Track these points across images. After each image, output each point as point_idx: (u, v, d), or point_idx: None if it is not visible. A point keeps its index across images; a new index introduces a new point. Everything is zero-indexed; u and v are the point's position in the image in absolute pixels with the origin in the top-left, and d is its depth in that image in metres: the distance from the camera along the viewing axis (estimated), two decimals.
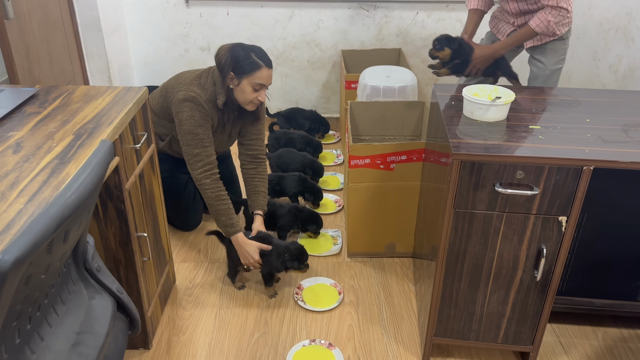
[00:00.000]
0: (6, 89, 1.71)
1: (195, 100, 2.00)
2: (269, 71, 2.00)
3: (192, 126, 2.00)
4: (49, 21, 2.47)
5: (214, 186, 2.03)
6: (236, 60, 1.97)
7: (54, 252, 0.89)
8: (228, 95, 2.04)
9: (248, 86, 1.99)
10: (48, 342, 1.06)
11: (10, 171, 1.25)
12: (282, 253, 2.03)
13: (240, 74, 1.98)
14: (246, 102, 2.05)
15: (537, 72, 2.45)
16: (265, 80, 2.00)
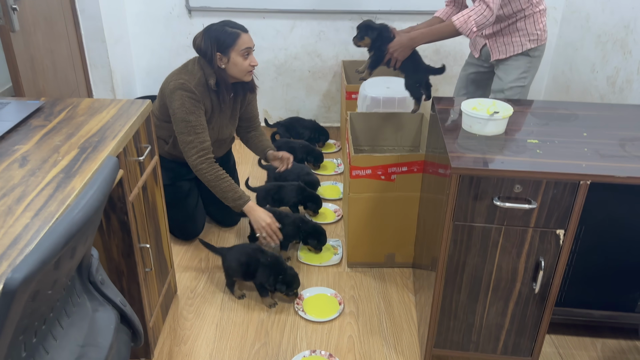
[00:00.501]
0: (12, 101, 1.74)
1: (185, 87, 2.07)
2: (248, 35, 2.13)
3: (184, 114, 2.07)
4: (53, 32, 2.50)
5: (210, 169, 2.10)
6: (216, 39, 2.07)
7: (61, 268, 0.91)
8: (220, 76, 2.11)
9: (238, 57, 2.08)
10: (53, 355, 1.08)
11: (16, 185, 1.27)
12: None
13: (226, 50, 2.07)
14: (243, 73, 2.13)
15: (494, 87, 2.35)
16: (249, 43, 2.11)
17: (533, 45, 2.23)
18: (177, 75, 2.13)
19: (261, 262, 2.07)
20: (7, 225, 1.12)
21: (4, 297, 0.76)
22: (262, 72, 3.44)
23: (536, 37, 2.22)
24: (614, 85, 2.70)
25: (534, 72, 2.32)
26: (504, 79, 2.29)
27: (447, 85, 3.49)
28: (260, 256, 2.09)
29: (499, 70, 2.32)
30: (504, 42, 2.26)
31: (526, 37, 2.21)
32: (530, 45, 2.23)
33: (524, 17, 2.18)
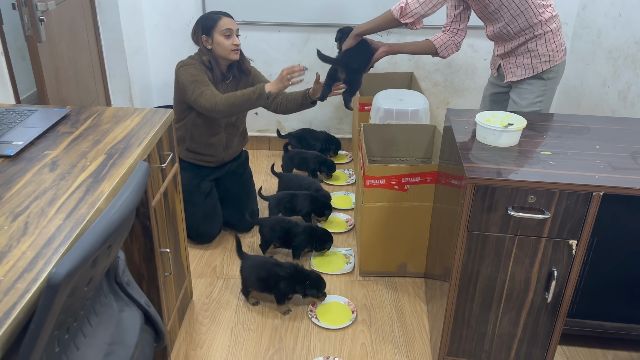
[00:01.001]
0: (39, 109, 1.80)
1: (187, 62, 2.33)
2: (228, 18, 2.34)
3: (191, 77, 2.28)
4: (76, 43, 2.58)
5: (224, 95, 2.24)
6: (200, 24, 2.34)
7: (97, 265, 0.96)
8: (210, 57, 2.34)
9: (220, 37, 2.31)
10: (83, 351, 1.12)
11: (48, 188, 1.32)
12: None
13: (209, 31, 2.31)
14: (227, 52, 2.33)
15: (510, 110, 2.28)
16: (230, 24, 2.32)
17: (546, 67, 2.19)
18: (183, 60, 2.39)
19: (281, 276, 2.10)
20: (41, 226, 1.17)
21: (48, 290, 0.81)
22: None
23: (548, 59, 2.18)
24: (625, 100, 2.73)
25: (550, 95, 2.27)
26: (519, 103, 2.27)
27: (458, 98, 3.53)
28: (279, 270, 2.11)
29: (513, 93, 2.30)
30: (516, 64, 2.24)
31: (537, 59, 2.18)
32: (542, 67, 2.19)
33: (534, 37, 2.15)
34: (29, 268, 1.03)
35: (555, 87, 2.28)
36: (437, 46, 2.35)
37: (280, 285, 2.10)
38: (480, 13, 2.27)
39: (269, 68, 3.44)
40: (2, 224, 1.17)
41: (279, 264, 2.16)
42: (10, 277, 1.00)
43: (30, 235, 1.14)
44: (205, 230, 2.54)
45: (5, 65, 2.08)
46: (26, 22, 2.06)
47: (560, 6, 3.25)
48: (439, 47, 2.35)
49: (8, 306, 0.93)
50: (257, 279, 2.14)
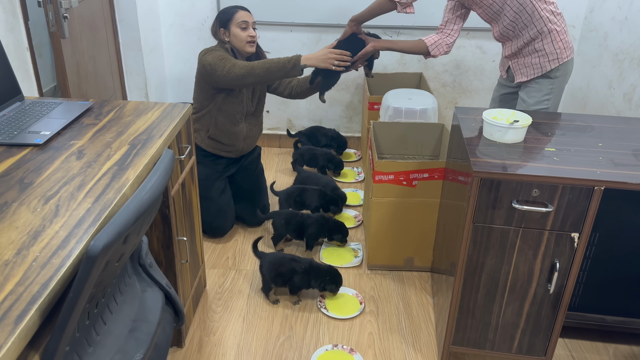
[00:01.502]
0: (63, 102, 1.88)
1: (212, 48, 2.44)
2: (246, 12, 2.45)
3: (219, 56, 2.35)
4: (96, 40, 2.66)
5: (259, 61, 2.33)
6: (218, 18, 2.45)
7: (128, 242, 1.03)
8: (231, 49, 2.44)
9: (236, 29, 2.41)
10: (109, 326, 1.19)
11: (76, 175, 1.40)
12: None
13: (226, 24, 2.42)
14: (243, 43, 2.43)
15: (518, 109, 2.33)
16: (246, 17, 2.42)
17: (554, 65, 2.25)
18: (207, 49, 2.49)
19: (297, 271, 2.16)
20: (72, 209, 1.25)
21: (86, 261, 0.88)
22: None
23: (556, 57, 2.24)
24: (631, 102, 2.78)
25: (558, 93, 2.33)
26: (527, 101, 2.33)
27: (466, 99, 3.59)
28: (295, 265, 2.17)
29: (522, 92, 2.35)
30: (524, 64, 2.30)
31: (545, 58, 2.24)
32: (550, 65, 2.25)
33: (540, 35, 2.21)
34: (62, 246, 1.11)
35: (564, 86, 2.33)
36: (428, 44, 2.42)
37: (296, 279, 2.17)
38: (485, 16, 2.34)
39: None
40: (35, 206, 1.24)
41: (297, 259, 2.22)
42: (46, 254, 1.08)
43: (61, 217, 1.21)
44: (218, 224, 2.62)
45: (30, 59, 2.17)
46: (50, 18, 2.15)
47: (568, 9, 3.31)
48: (430, 45, 2.42)
49: (45, 279, 1.01)
50: (277, 275, 2.19)
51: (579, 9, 3.32)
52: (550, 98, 2.29)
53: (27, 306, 0.94)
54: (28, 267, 1.04)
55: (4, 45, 1.92)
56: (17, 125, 1.64)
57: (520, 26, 2.23)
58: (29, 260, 1.06)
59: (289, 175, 3.31)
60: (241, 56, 2.49)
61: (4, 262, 1.05)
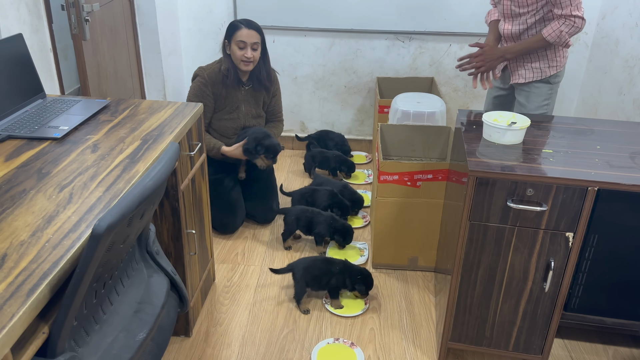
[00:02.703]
0: (82, 100, 1.99)
1: (201, 73, 2.55)
2: (249, 31, 2.50)
3: (191, 95, 2.55)
4: (116, 42, 2.78)
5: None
6: (227, 30, 2.56)
7: (132, 225, 1.11)
8: (230, 62, 2.55)
9: (234, 46, 2.51)
10: (116, 307, 1.28)
11: (90, 166, 1.50)
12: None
13: (229, 39, 2.53)
14: (238, 61, 2.52)
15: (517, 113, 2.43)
16: (246, 38, 2.48)
17: (553, 72, 2.30)
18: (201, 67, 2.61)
19: (333, 272, 2.20)
20: (84, 197, 1.34)
21: (91, 239, 0.96)
22: (301, 86, 3.66)
23: (556, 64, 2.29)
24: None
25: (555, 97, 2.39)
26: (526, 105, 2.35)
27: (477, 103, 3.62)
28: (331, 267, 2.21)
29: (520, 96, 2.38)
30: (524, 66, 2.32)
31: (546, 64, 2.28)
32: (550, 72, 2.29)
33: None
34: (73, 229, 1.20)
35: (557, 91, 2.39)
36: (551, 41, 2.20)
37: (333, 281, 2.21)
38: (508, 10, 2.30)
39: (294, 71, 3.61)
40: (51, 194, 1.34)
41: (331, 261, 2.25)
42: (58, 236, 1.17)
43: (74, 203, 1.31)
44: (228, 221, 2.70)
45: (53, 60, 2.29)
46: (73, 21, 2.27)
47: None
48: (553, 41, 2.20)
49: (56, 258, 1.10)
50: (312, 278, 2.21)
51: (591, 15, 3.34)
52: (549, 103, 2.33)
53: (39, 281, 1.03)
54: (41, 247, 1.13)
55: (29, 46, 2.03)
56: (38, 121, 1.75)
57: (534, 32, 2.26)
58: (43, 241, 1.15)
59: (301, 176, 3.38)
60: (240, 72, 2.59)
61: (19, 242, 1.14)
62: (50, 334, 1.03)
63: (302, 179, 3.35)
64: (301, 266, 2.25)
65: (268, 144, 2.56)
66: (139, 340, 1.25)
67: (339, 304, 2.24)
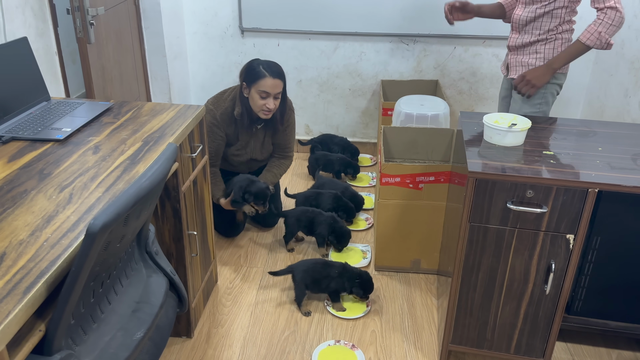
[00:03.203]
0: (86, 102, 2.01)
1: (211, 113, 2.40)
2: (274, 80, 2.31)
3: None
4: (122, 46, 2.81)
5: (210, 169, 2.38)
6: (247, 71, 2.34)
7: (128, 225, 1.12)
8: (244, 104, 2.38)
9: (255, 94, 2.32)
10: (114, 306, 1.29)
11: (90, 167, 1.51)
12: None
13: (249, 83, 2.33)
14: (257, 110, 2.36)
15: (511, 109, 2.43)
16: (269, 89, 2.30)
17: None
18: (212, 102, 2.44)
19: (332, 276, 2.20)
20: (83, 197, 1.36)
21: (86, 238, 0.98)
22: (306, 89, 3.67)
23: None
24: None
25: (551, 100, 2.34)
26: (518, 102, 2.36)
27: (482, 106, 3.62)
28: (330, 270, 2.20)
29: (515, 94, 2.39)
30: (521, 62, 2.34)
31: (541, 62, 2.28)
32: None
33: (546, 40, 2.27)
34: (72, 229, 1.21)
35: (557, 91, 2.36)
36: (591, 45, 2.16)
37: (332, 284, 2.20)
38: None
39: (299, 74, 3.62)
40: (51, 194, 1.36)
41: (329, 264, 2.25)
42: (56, 236, 1.19)
43: (74, 204, 1.32)
44: (231, 227, 2.71)
45: (59, 63, 2.32)
46: (78, 25, 2.30)
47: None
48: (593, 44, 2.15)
49: (54, 257, 1.11)
50: (312, 281, 2.21)
51: None
52: (543, 104, 2.32)
53: (36, 279, 1.04)
54: (40, 246, 1.14)
55: (34, 49, 2.06)
56: (42, 123, 1.78)
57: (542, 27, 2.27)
58: (41, 241, 1.16)
59: (304, 179, 3.39)
60: (255, 114, 2.42)
61: (19, 241, 1.16)
62: (47, 332, 1.04)
63: (306, 181, 3.35)
64: (301, 269, 2.25)
65: (256, 191, 2.43)
66: (136, 340, 1.26)
67: (340, 306, 2.24)
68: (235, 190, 2.45)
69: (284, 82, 2.38)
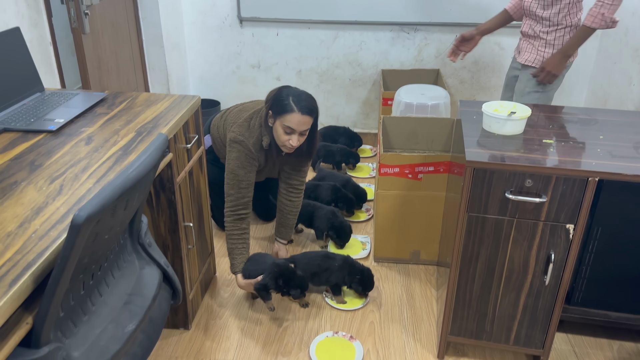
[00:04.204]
0: (80, 92, 1.99)
1: (243, 144, 2.13)
2: (302, 117, 2.03)
3: (236, 167, 2.13)
4: (118, 36, 2.79)
5: (231, 225, 2.15)
6: (274, 100, 2.07)
7: (116, 216, 1.11)
8: (271, 134, 2.12)
9: (279, 127, 2.06)
10: (105, 298, 1.27)
11: (82, 158, 1.50)
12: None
13: (275, 114, 2.07)
14: (280, 144, 2.11)
15: (517, 88, 2.51)
16: (295, 125, 2.03)
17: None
18: (240, 127, 2.17)
19: (332, 269, 2.17)
20: (74, 188, 1.34)
21: (71, 229, 0.96)
22: (305, 79, 3.64)
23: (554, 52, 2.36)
24: None
25: (550, 88, 2.42)
26: (519, 86, 2.46)
27: (484, 95, 3.58)
28: (330, 264, 2.18)
29: (522, 74, 2.48)
30: (531, 49, 2.41)
31: (551, 50, 2.34)
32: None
33: (556, 29, 2.31)
34: (60, 220, 1.20)
35: (556, 86, 2.43)
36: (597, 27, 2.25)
37: (332, 277, 2.18)
38: None
39: (298, 64, 3.59)
40: (41, 186, 1.34)
41: (332, 256, 2.22)
42: (45, 227, 1.17)
43: (64, 195, 1.30)
44: (266, 207, 2.70)
45: (53, 54, 2.29)
46: (72, 15, 2.27)
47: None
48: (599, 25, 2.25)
49: (42, 249, 1.09)
50: (312, 274, 2.19)
51: None
52: (540, 92, 2.39)
53: (22, 272, 1.02)
54: (27, 238, 1.13)
55: (28, 40, 2.04)
56: (35, 114, 1.76)
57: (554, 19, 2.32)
58: (29, 232, 1.15)
59: None
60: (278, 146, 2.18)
61: (6, 233, 1.14)
62: (34, 325, 1.03)
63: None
64: (302, 261, 2.23)
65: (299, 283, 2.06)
66: (127, 332, 1.25)
67: (341, 299, 2.22)
68: (267, 277, 2.06)
69: (314, 117, 2.11)
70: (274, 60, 3.61)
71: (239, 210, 2.16)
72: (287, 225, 2.44)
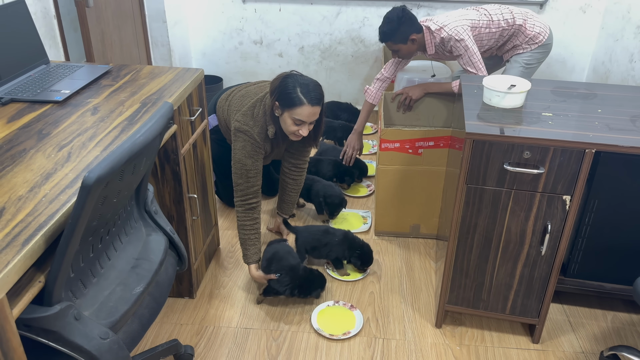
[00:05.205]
0: (85, 65, 2.01)
1: (249, 134, 2.08)
2: (312, 109, 1.98)
3: (243, 156, 2.09)
4: (121, 11, 2.79)
5: (242, 215, 2.13)
6: (281, 91, 1.99)
7: (124, 180, 1.14)
8: (277, 124, 2.09)
9: (288, 119, 2.01)
10: (113, 262, 1.32)
11: (89, 128, 1.53)
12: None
13: (282, 106, 2.00)
14: (288, 133, 2.08)
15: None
16: (306, 118, 1.99)
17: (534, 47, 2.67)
18: (244, 116, 2.12)
19: (332, 244, 2.21)
20: (82, 156, 1.37)
21: (82, 190, 0.99)
22: (308, 55, 3.64)
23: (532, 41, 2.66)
24: None
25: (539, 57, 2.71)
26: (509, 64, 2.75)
27: None
28: (330, 239, 2.22)
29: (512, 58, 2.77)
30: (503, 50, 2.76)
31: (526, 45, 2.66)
32: (531, 47, 2.68)
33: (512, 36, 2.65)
34: (70, 185, 1.23)
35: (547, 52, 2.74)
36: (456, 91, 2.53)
37: (332, 252, 2.23)
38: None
39: (301, 40, 3.59)
40: (50, 153, 1.37)
41: (332, 231, 2.27)
42: (55, 192, 1.21)
43: (72, 162, 1.34)
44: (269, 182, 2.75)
45: (57, 27, 2.31)
46: None
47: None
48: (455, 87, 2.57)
49: (52, 211, 1.13)
50: (312, 248, 2.25)
51: None
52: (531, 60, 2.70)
53: (34, 232, 1.06)
54: (38, 202, 1.16)
55: (32, 12, 2.06)
56: (41, 85, 1.78)
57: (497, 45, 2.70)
58: (40, 196, 1.18)
59: None
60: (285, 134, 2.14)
61: (17, 197, 1.18)
62: (46, 284, 1.07)
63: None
64: (304, 233, 2.28)
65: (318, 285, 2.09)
66: (135, 294, 1.29)
67: (344, 272, 2.27)
68: (284, 279, 2.05)
69: (322, 106, 2.05)
70: (276, 36, 3.62)
71: (250, 199, 2.13)
72: (289, 202, 2.47)
